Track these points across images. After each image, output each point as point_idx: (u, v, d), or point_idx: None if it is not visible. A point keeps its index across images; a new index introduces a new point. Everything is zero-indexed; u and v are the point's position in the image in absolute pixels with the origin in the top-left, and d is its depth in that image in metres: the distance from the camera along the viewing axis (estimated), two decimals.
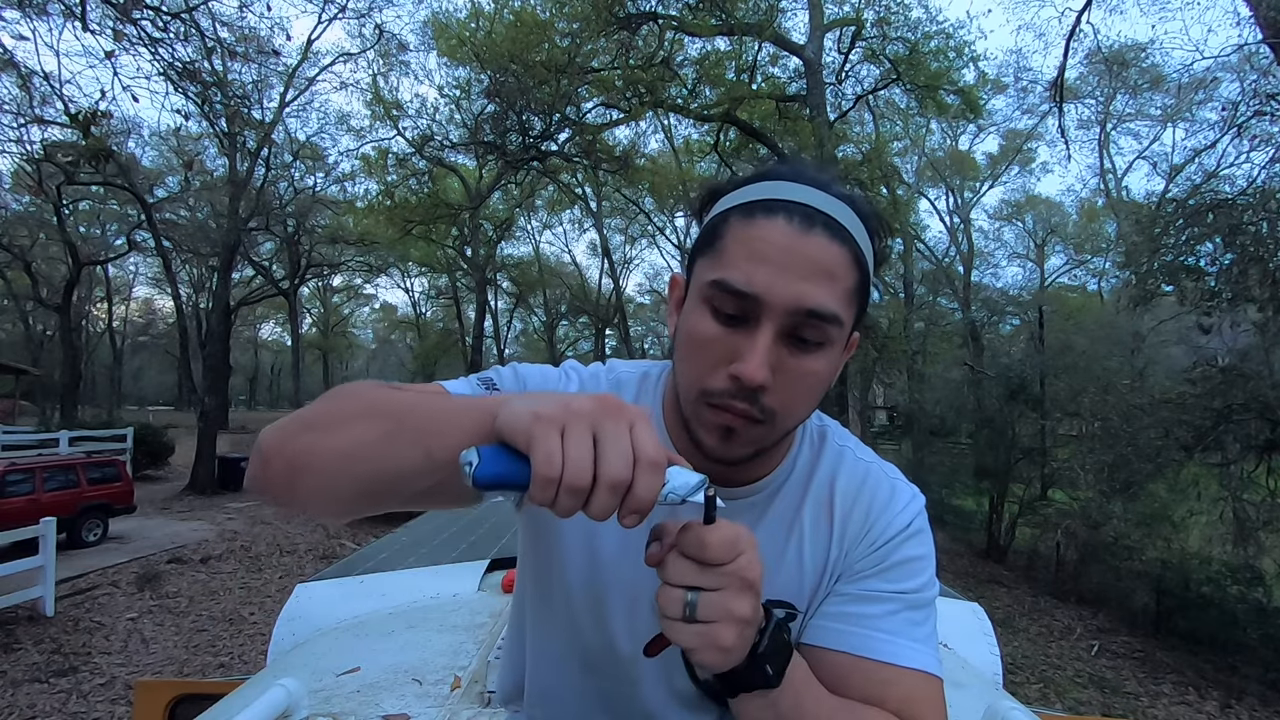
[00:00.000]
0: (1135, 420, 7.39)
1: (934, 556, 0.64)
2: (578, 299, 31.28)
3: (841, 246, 0.52)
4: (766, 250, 0.51)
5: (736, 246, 0.53)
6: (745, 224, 0.53)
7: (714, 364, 0.53)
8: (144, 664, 5.27)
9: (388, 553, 2.15)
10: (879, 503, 0.64)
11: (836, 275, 0.52)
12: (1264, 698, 5.98)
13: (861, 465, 0.67)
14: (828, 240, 0.52)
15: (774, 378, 0.52)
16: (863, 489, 0.65)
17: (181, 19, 6.14)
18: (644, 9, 10.42)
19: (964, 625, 1.66)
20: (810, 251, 0.51)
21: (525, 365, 0.68)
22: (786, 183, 0.54)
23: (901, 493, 0.66)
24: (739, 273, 0.51)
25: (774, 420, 0.54)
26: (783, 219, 0.52)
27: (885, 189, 11.94)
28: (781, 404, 0.53)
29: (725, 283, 0.52)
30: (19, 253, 18.97)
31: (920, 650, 0.59)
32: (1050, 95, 11.35)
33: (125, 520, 9.26)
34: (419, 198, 15.14)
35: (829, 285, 0.52)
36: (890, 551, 0.62)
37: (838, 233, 0.52)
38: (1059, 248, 26.31)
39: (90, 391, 31.14)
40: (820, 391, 0.56)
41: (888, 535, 0.63)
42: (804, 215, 0.52)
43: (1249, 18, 7.41)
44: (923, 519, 0.65)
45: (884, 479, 0.66)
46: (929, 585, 0.62)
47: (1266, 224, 6.06)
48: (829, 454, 0.67)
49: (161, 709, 1.47)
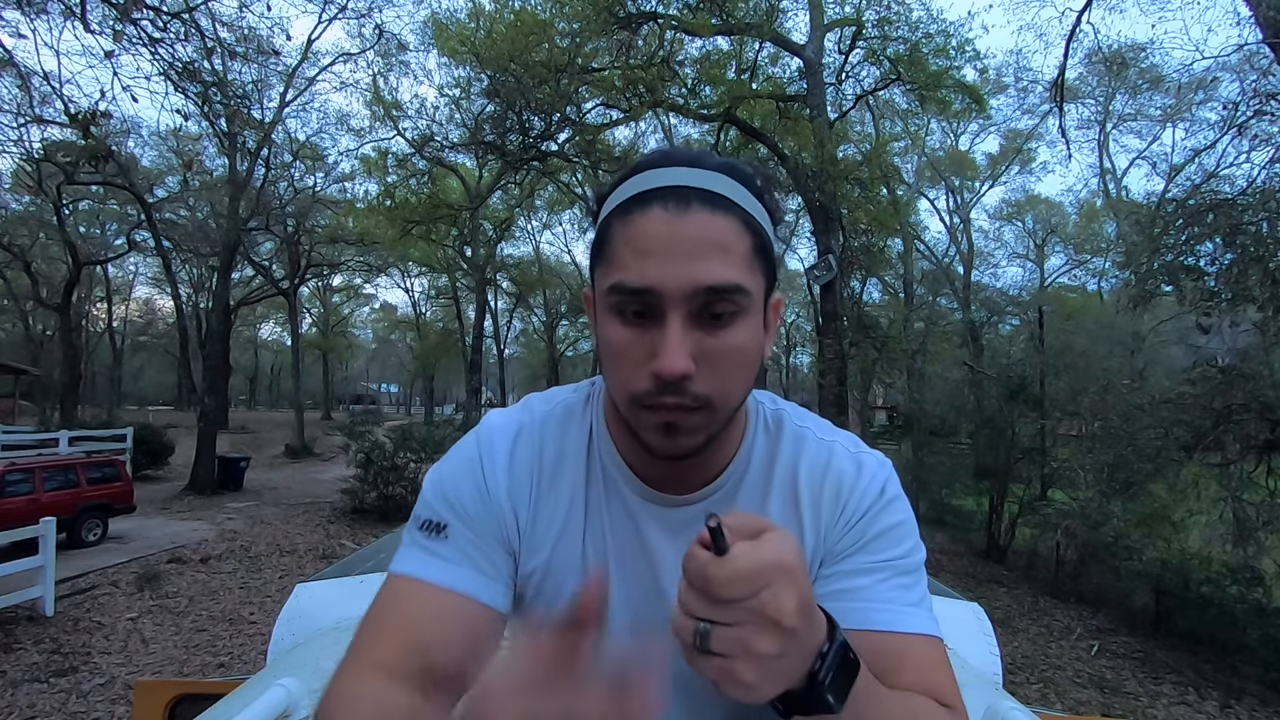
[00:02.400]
0: (1135, 420, 7.39)
1: (914, 521, 0.63)
2: (578, 299, 31.25)
3: (725, 216, 0.52)
4: (649, 242, 0.51)
5: (622, 247, 0.53)
6: (625, 222, 0.53)
7: (635, 367, 0.53)
8: (144, 664, 5.27)
9: (387, 553, 2.14)
10: (847, 480, 0.63)
11: (727, 245, 0.52)
12: (1264, 698, 5.98)
13: (824, 446, 0.66)
14: (708, 214, 0.51)
15: (697, 364, 0.51)
16: (829, 470, 0.64)
17: (181, 19, 6.14)
18: (644, 9, 10.41)
19: (964, 625, 1.66)
20: (691, 231, 0.51)
21: (444, 474, 0.65)
22: (657, 169, 0.54)
23: (867, 464, 0.64)
24: (630, 272, 0.51)
25: (710, 405, 0.53)
26: (657, 207, 0.52)
27: (885, 189, 11.95)
28: (713, 387, 0.53)
29: (620, 285, 0.52)
30: (19, 252, 18.97)
31: (918, 614, 0.58)
32: (1050, 95, 11.35)
33: (125, 520, 9.25)
34: (419, 198, 15.14)
35: (721, 258, 0.51)
36: (868, 525, 0.61)
37: (718, 204, 0.52)
38: (1059, 248, 26.33)
39: (90, 391, 31.13)
40: (750, 364, 0.56)
41: (862, 509, 0.62)
42: (678, 197, 0.52)
43: (1249, 18, 7.41)
44: (895, 485, 0.64)
45: (848, 455, 0.65)
46: (914, 550, 0.62)
47: (1266, 224, 6.06)
48: (787, 439, 0.66)
49: (161, 709, 1.47)
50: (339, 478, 12.00)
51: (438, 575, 0.59)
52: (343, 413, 32.01)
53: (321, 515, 11.07)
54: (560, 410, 0.69)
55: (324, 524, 10.48)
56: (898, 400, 20.70)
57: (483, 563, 0.61)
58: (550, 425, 0.67)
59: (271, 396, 50.98)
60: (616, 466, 0.65)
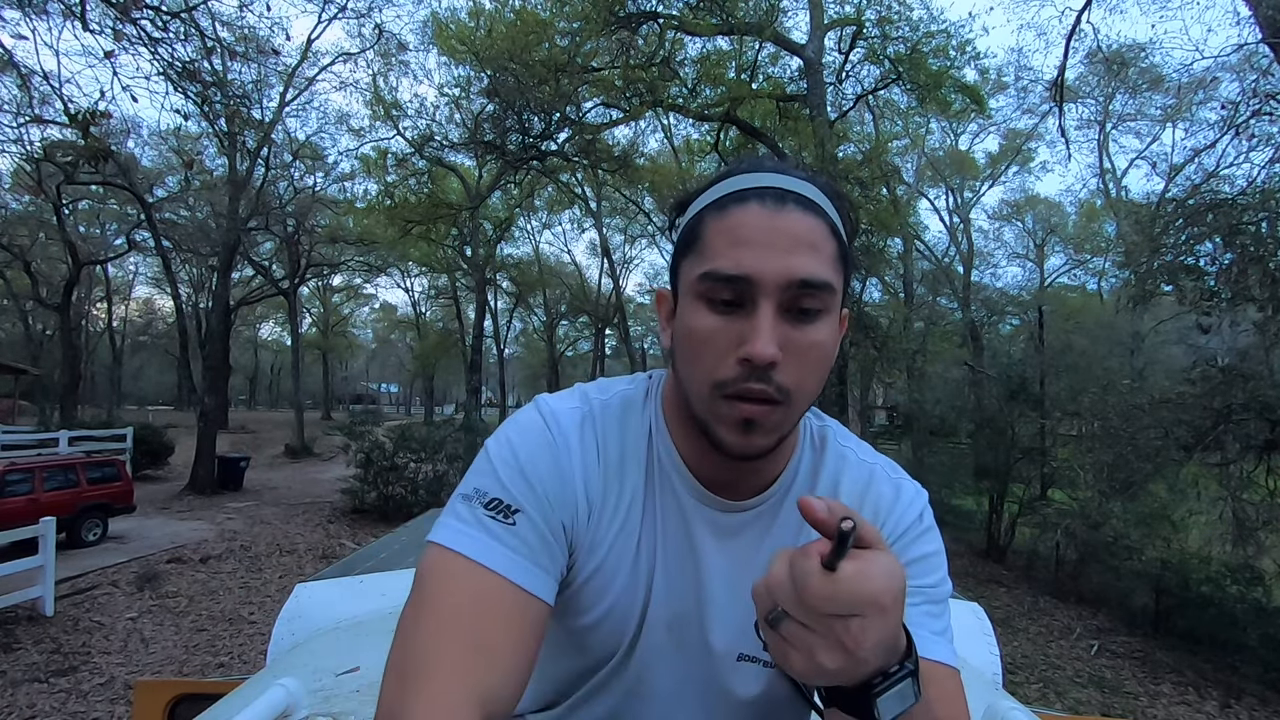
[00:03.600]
0: (1135, 420, 7.38)
1: (945, 553, 0.64)
2: (577, 299, 31.26)
3: (816, 218, 0.54)
4: (747, 233, 0.53)
5: (717, 238, 0.54)
6: (720, 216, 0.55)
7: (721, 354, 0.53)
8: (144, 664, 5.27)
9: (388, 553, 2.15)
10: (885, 503, 0.64)
11: (818, 245, 0.53)
12: (1264, 698, 5.98)
13: (865, 468, 0.67)
14: (802, 213, 0.53)
15: (783, 354, 0.52)
16: (868, 492, 0.65)
17: (181, 19, 6.14)
18: (644, 8, 10.41)
19: (964, 625, 1.66)
20: (788, 226, 0.53)
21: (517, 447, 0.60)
22: (750, 174, 0.56)
23: (906, 490, 0.65)
24: (726, 260, 0.53)
25: (790, 399, 0.54)
26: (755, 203, 0.54)
27: (885, 189, 11.93)
28: (794, 380, 0.54)
29: (715, 272, 0.53)
30: (19, 252, 18.96)
31: (943, 644, 0.59)
32: (1051, 95, 11.35)
33: (125, 520, 9.26)
34: (419, 198, 15.13)
35: (814, 255, 0.53)
36: (903, 550, 0.62)
37: (810, 206, 0.54)
38: (1059, 247, 26.31)
39: (90, 391, 31.13)
40: (827, 364, 0.57)
41: (898, 533, 0.63)
42: (775, 195, 0.54)
43: (1249, 18, 7.41)
44: (929, 515, 0.65)
45: (887, 479, 0.66)
46: (943, 581, 0.62)
47: (1266, 224, 6.06)
48: (831, 458, 0.67)
49: (161, 709, 1.47)
50: (339, 478, 12.00)
51: (505, 566, 0.54)
52: (343, 413, 31.96)
53: (321, 515, 11.07)
54: (618, 402, 0.67)
55: (324, 524, 10.49)
56: (898, 400, 20.70)
57: (544, 558, 0.57)
58: (610, 417, 0.65)
59: (271, 396, 50.95)
60: (674, 465, 0.64)
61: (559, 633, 0.66)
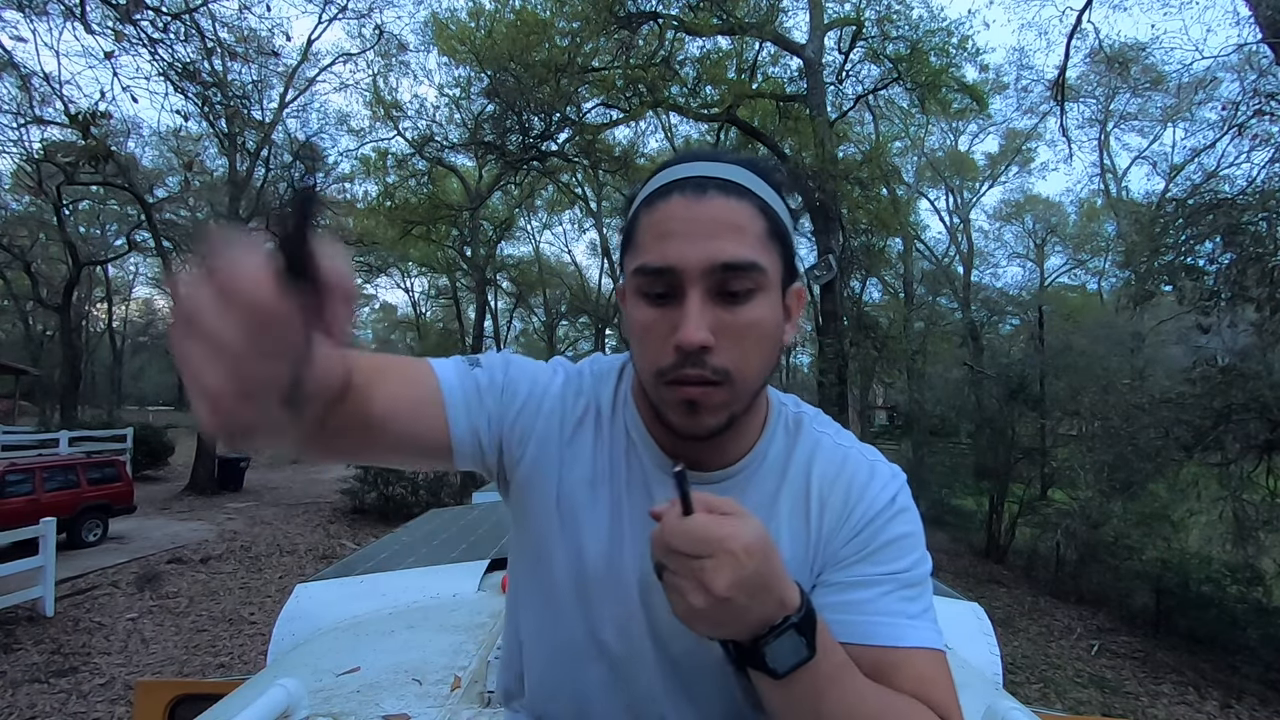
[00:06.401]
0: (1135, 420, 7.39)
1: (922, 533, 0.64)
2: (578, 299, 31.23)
3: (740, 200, 0.56)
4: (669, 225, 0.55)
5: (645, 233, 0.57)
6: (649, 211, 0.58)
7: (660, 343, 0.56)
8: (144, 664, 5.27)
9: (388, 553, 2.15)
10: (857, 485, 0.64)
11: (742, 226, 0.55)
12: (1264, 698, 5.98)
13: (839, 451, 0.67)
14: (724, 198, 0.55)
15: (717, 338, 0.54)
16: (840, 474, 0.65)
17: (181, 20, 6.14)
18: (645, 8, 10.41)
19: (964, 625, 1.66)
20: (708, 212, 0.55)
21: (518, 358, 0.71)
22: (679, 165, 0.59)
23: (880, 472, 0.65)
24: (652, 254, 0.56)
25: (731, 380, 0.56)
26: (677, 194, 0.56)
27: (885, 189, 11.93)
28: (733, 361, 0.55)
29: (645, 266, 0.56)
30: (19, 253, 18.94)
31: (920, 627, 0.59)
32: (1051, 95, 11.36)
33: (125, 520, 9.25)
34: (419, 198, 15.13)
35: (736, 236, 0.55)
36: (875, 534, 0.62)
37: (733, 190, 0.56)
38: (1059, 248, 26.31)
39: (90, 391, 31.11)
40: (770, 342, 0.58)
41: (869, 516, 0.62)
42: (695, 185, 0.56)
43: (1249, 18, 7.41)
44: (905, 496, 0.65)
45: (862, 461, 0.66)
46: (920, 562, 0.62)
47: (1266, 224, 6.07)
48: (805, 441, 0.67)
49: (161, 709, 1.47)
50: (339, 478, 12.00)
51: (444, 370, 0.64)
52: None
53: (321, 515, 11.07)
54: (604, 369, 0.73)
55: (324, 524, 10.49)
56: (898, 400, 20.71)
57: (481, 397, 0.64)
58: (598, 381, 0.72)
59: None
60: (641, 438, 0.67)
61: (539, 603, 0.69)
